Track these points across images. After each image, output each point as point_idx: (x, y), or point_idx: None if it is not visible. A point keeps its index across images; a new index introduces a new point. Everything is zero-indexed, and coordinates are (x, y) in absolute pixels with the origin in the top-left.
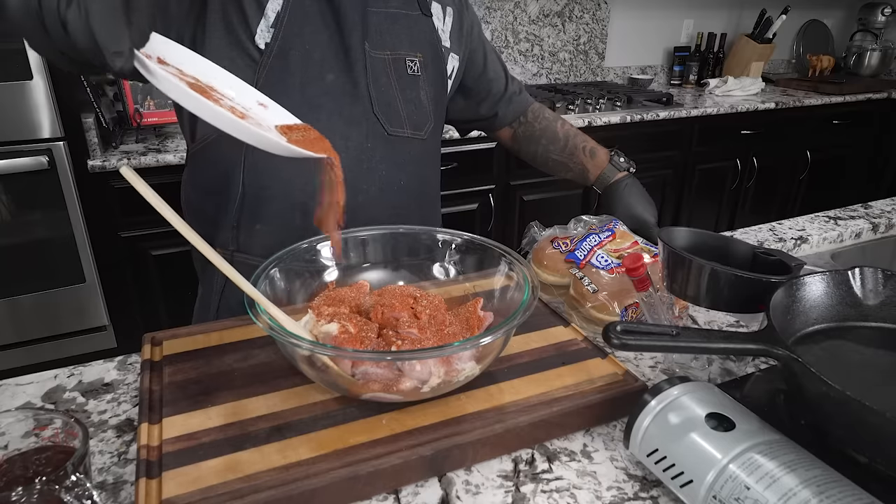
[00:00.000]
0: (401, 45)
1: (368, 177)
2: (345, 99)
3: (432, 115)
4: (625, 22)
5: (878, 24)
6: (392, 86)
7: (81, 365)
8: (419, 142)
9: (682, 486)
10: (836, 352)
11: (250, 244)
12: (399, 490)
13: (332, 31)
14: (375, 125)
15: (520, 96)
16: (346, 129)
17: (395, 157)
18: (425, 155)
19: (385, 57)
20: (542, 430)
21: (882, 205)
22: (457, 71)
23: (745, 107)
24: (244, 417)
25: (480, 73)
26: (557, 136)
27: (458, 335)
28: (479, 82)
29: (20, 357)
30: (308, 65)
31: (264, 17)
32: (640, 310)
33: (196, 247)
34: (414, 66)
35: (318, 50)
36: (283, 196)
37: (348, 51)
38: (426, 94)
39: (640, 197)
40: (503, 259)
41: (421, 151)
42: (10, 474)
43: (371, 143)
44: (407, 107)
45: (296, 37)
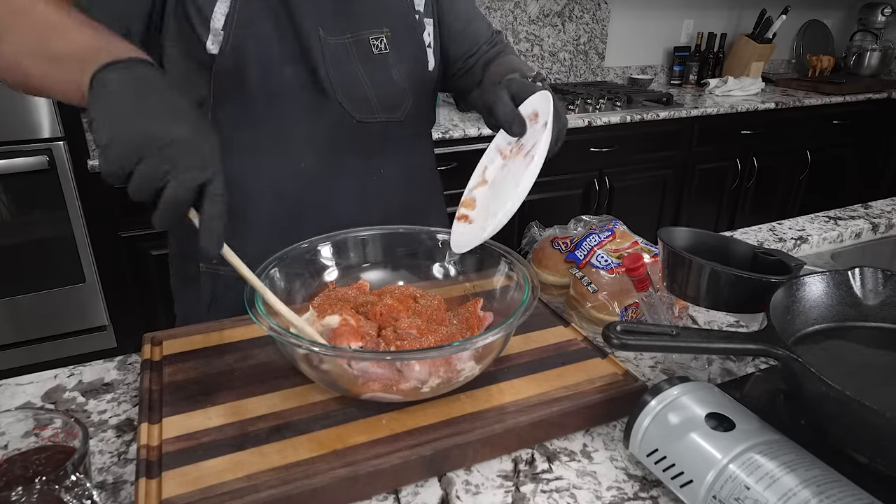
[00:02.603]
0: (362, 23)
1: (342, 170)
2: (306, 91)
3: (409, 93)
4: (625, 22)
5: (878, 24)
6: (356, 71)
7: (81, 365)
8: (396, 125)
9: (682, 486)
10: (836, 352)
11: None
12: (399, 490)
13: (283, 22)
14: (342, 115)
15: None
16: (312, 123)
17: (368, 146)
18: (406, 138)
19: (344, 41)
20: (542, 430)
21: (882, 205)
22: (434, 37)
23: (745, 107)
24: (244, 417)
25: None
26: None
27: (457, 335)
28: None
29: (20, 357)
30: (264, 60)
31: (213, 19)
32: (640, 310)
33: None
34: (379, 42)
35: (272, 44)
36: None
37: (302, 39)
38: (398, 71)
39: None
40: (503, 259)
41: (400, 135)
42: (10, 474)
43: (340, 133)
44: (376, 90)
45: (248, 34)
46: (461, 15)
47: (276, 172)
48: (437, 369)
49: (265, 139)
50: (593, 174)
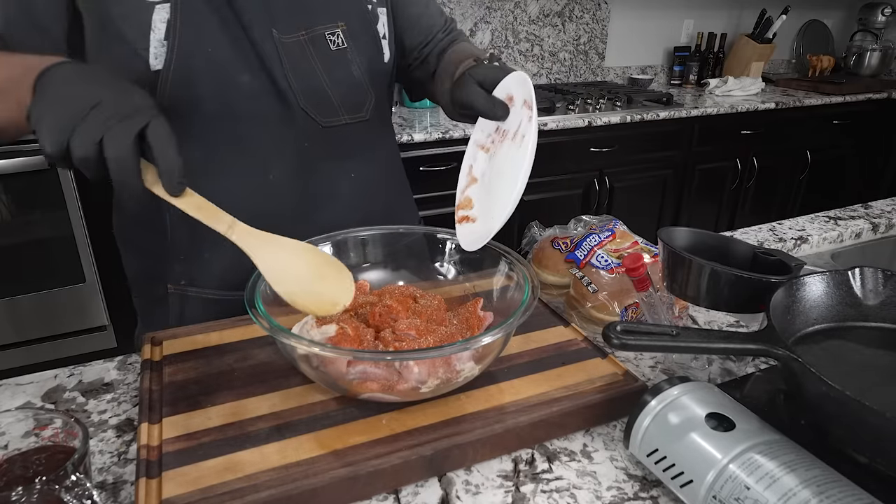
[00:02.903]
0: (316, 18)
1: (313, 179)
2: (266, 99)
3: (371, 89)
4: (625, 22)
5: (878, 24)
6: (315, 70)
7: (81, 365)
8: (362, 124)
9: (682, 486)
10: (836, 352)
11: (206, 277)
12: (399, 490)
13: (232, 25)
14: (306, 121)
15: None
16: (277, 133)
17: (337, 150)
18: (373, 137)
19: (300, 39)
20: (542, 430)
21: (882, 205)
22: (388, 27)
23: (745, 107)
24: (244, 417)
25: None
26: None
27: (457, 335)
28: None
29: (20, 357)
30: (217, 70)
31: (153, 31)
32: (640, 310)
33: None
34: (336, 38)
35: (223, 51)
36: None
37: (256, 44)
38: (358, 66)
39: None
40: (503, 259)
41: (366, 135)
42: (10, 474)
43: (307, 142)
44: (337, 89)
45: (194, 43)
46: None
47: (244, 190)
48: (437, 370)
49: (227, 156)
50: (593, 174)
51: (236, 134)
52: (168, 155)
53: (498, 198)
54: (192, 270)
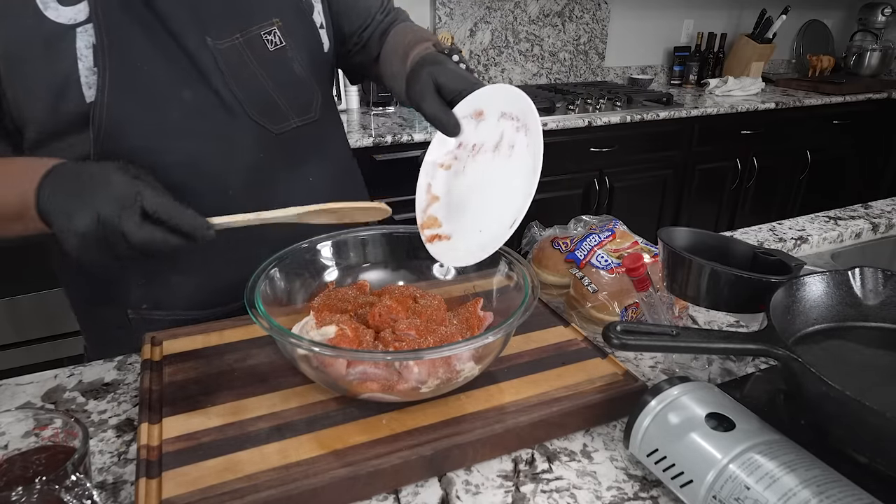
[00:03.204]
0: (249, 18)
1: (273, 189)
2: (213, 114)
3: (316, 86)
4: (625, 22)
5: (878, 24)
6: (256, 75)
7: (81, 365)
8: (312, 125)
9: (682, 486)
10: (836, 352)
11: (173, 298)
12: (399, 490)
13: (163, 39)
14: (258, 130)
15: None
16: (231, 148)
17: (293, 156)
18: (324, 136)
19: (235, 43)
20: (542, 430)
21: (882, 205)
22: (325, 15)
23: (745, 107)
24: (244, 417)
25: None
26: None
27: (457, 335)
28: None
29: (20, 357)
30: (156, 89)
31: (80, 59)
32: (640, 310)
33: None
34: (273, 37)
35: (158, 67)
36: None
37: (192, 55)
38: (300, 64)
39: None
40: (503, 259)
41: (318, 135)
42: (10, 474)
43: (263, 152)
44: (284, 92)
45: (127, 63)
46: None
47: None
48: (437, 370)
49: (180, 178)
50: (593, 174)
51: (187, 154)
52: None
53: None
54: (156, 294)
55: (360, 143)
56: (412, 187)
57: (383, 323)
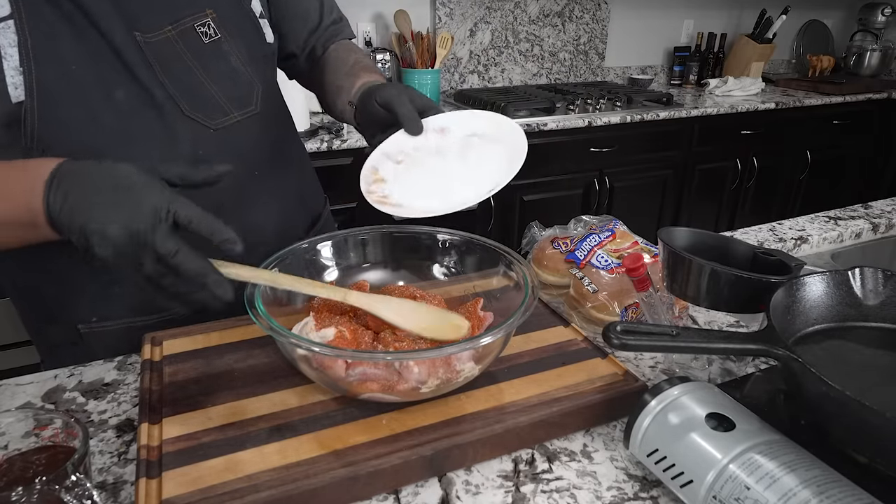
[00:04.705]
0: (179, 9)
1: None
2: (147, 113)
3: (256, 78)
4: (625, 22)
5: (878, 24)
6: (190, 69)
7: (81, 365)
8: (253, 118)
9: (682, 487)
10: (836, 352)
11: (120, 308)
12: (399, 490)
13: (90, 36)
14: (196, 127)
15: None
16: (166, 148)
17: (235, 151)
18: (268, 129)
19: (168, 35)
20: (542, 430)
21: (882, 205)
22: (264, 5)
23: (745, 107)
24: (244, 417)
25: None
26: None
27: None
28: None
29: (20, 357)
30: (84, 90)
31: (4, 58)
32: (640, 310)
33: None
34: (207, 28)
35: (87, 66)
36: None
37: (120, 52)
38: (238, 57)
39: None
40: (503, 259)
41: (261, 128)
42: (10, 474)
43: (202, 149)
44: (221, 86)
45: (55, 62)
46: None
47: None
48: (437, 370)
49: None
50: (593, 174)
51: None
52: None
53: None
54: (100, 307)
55: (360, 143)
56: None
57: (383, 324)
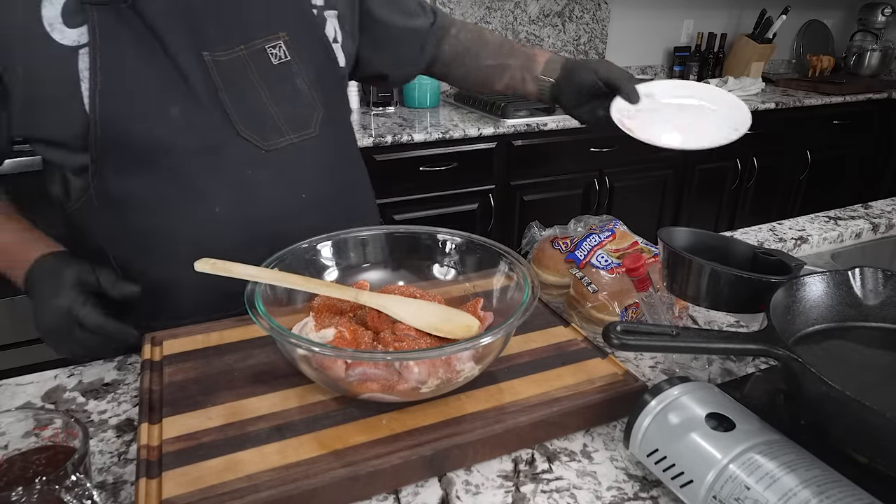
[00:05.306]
0: (252, 31)
1: (261, 208)
2: (200, 131)
3: (318, 102)
4: (625, 22)
5: (878, 24)
6: (255, 88)
7: (81, 365)
8: (310, 140)
9: (682, 486)
10: (836, 352)
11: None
12: (399, 490)
13: (158, 57)
14: (248, 147)
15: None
16: (216, 165)
17: (285, 174)
18: (324, 153)
19: (239, 54)
20: (542, 430)
21: (882, 205)
22: (341, 29)
23: None
24: (244, 417)
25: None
26: (486, 40)
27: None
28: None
29: (20, 357)
30: (145, 106)
31: (82, 79)
32: (640, 310)
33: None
34: (278, 50)
35: (150, 85)
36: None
37: (184, 73)
38: (304, 79)
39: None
40: (503, 259)
41: (317, 151)
42: (10, 474)
43: (251, 169)
44: (282, 107)
45: (121, 81)
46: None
47: (190, 226)
48: (437, 370)
49: (168, 193)
50: (593, 174)
51: (174, 169)
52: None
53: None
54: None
55: (360, 143)
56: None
57: (382, 324)
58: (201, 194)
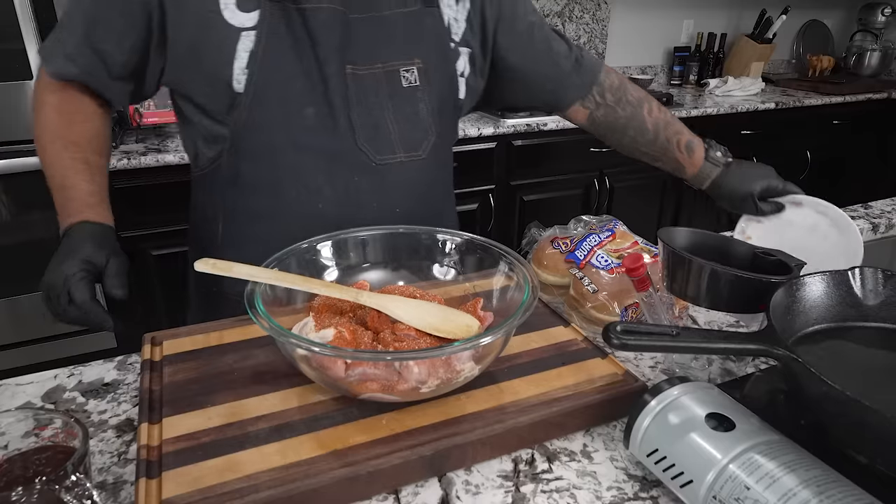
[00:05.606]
0: (394, 53)
1: (358, 213)
2: (326, 134)
3: (433, 129)
4: (625, 22)
5: (878, 24)
6: (382, 105)
7: (81, 365)
8: (416, 162)
9: (682, 487)
10: (836, 352)
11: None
12: (399, 490)
13: (309, 59)
14: (361, 157)
15: (580, 71)
16: (330, 167)
17: (387, 187)
18: (425, 175)
19: (376, 71)
20: (542, 430)
21: (882, 205)
22: (470, 66)
23: (745, 107)
24: (244, 417)
25: (537, 57)
26: (646, 128)
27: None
28: (532, 64)
29: (20, 357)
30: (286, 101)
31: (237, 59)
32: (640, 310)
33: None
34: (410, 75)
35: (296, 83)
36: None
37: (327, 79)
38: (426, 105)
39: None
40: (503, 259)
41: (419, 173)
42: (10, 474)
43: (358, 177)
44: (400, 126)
45: (272, 73)
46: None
47: (294, 216)
48: (437, 370)
49: (284, 181)
50: (593, 174)
51: (294, 162)
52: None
53: None
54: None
55: None
56: None
57: (382, 324)
58: (311, 190)
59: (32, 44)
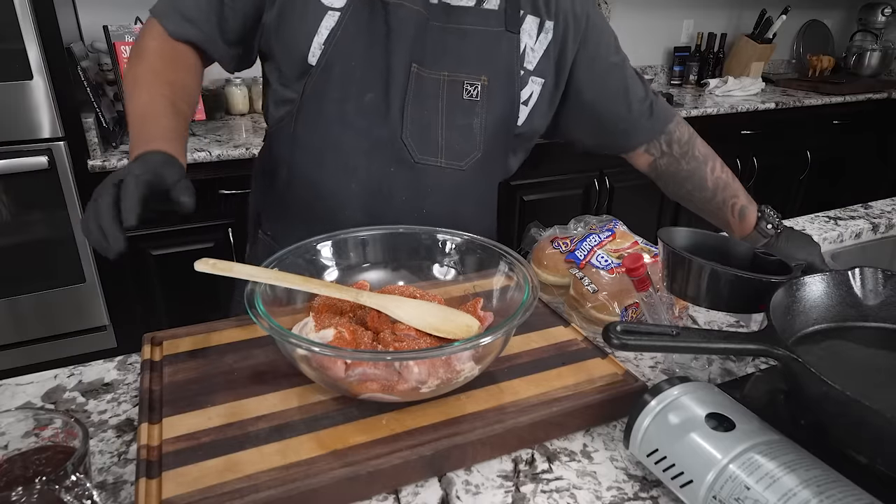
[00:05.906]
0: (463, 65)
1: (385, 203)
2: (376, 120)
3: (481, 146)
4: (625, 22)
5: (878, 24)
6: (438, 109)
7: (81, 365)
8: (455, 172)
9: (682, 487)
10: (836, 352)
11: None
12: (399, 490)
13: (380, 49)
14: (402, 151)
15: (651, 118)
16: (370, 151)
17: (419, 187)
18: (461, 186)
19: (440, 77)
20: (542, 430)
21: (882, 205)
22: (539, 96)
23: (745, 107)
24: (244, 417)
25: (612, 97)
26: (705, 185)
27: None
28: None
29: (20, 357)
30: (349, 82)
31: (317, 33)
32: (640, 310)
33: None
34: (473, 90)
35: (362, 68)
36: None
37: (390, 70)
38: (481, 121)
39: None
40: (503, 259)
41: (455, 182)
42: (10, 474)
43: (394, 168)
44: (450, 134)
45: (344, 54)
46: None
47: (328, 191)
48: (437, 370)
49: (328, 155)
50: (593, 174)
51: (338, 138)
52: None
53: None
54: (276, 229)
55: None
56: None
57: (382, 324)
58: (348, 169)
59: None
